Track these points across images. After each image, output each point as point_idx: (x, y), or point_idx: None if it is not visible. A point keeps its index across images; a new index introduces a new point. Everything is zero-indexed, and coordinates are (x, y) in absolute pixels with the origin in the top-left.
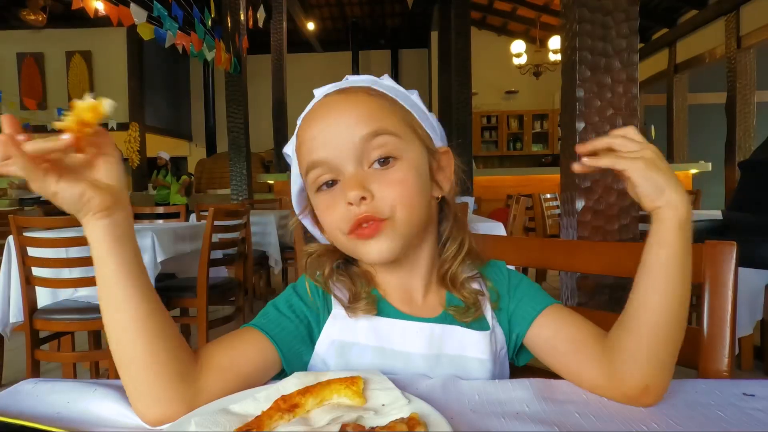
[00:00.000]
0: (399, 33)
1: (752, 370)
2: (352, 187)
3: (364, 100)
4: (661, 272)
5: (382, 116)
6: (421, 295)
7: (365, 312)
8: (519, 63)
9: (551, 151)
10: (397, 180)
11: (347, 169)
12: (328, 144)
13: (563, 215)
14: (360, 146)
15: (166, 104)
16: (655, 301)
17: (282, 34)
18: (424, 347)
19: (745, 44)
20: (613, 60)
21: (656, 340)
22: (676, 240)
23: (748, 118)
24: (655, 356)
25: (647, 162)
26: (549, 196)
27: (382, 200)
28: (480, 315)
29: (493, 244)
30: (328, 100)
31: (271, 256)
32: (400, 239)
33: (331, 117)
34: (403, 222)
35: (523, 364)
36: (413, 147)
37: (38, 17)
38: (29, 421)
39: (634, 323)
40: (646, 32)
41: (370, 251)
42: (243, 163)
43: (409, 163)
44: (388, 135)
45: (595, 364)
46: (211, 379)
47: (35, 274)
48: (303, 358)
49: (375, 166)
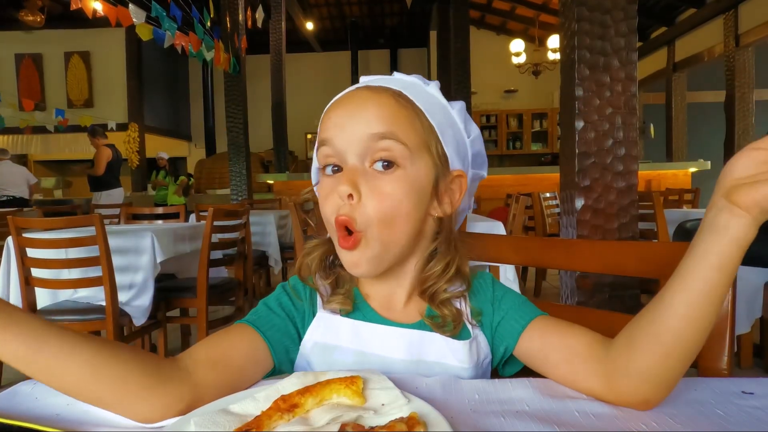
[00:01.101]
0: (398, 32)
1: (751, 367)
2: (345, 181)
3: (387, 102)
4: (706, 299)
5: (399, 123)
6: (402, 303)
7: (341, 305)
8: (518, 62)
9: (551, 150)
10: (387, 192)
11: (350, 160)
12: (340, 128)
13: (563, 214)
14: (367, 142)
15: (165, 105)
16: (684, 327)
17: (281, 34)
18: (403, 353)
19: (743, 42)
20: (611, 59)
21: (668, 361)
22: (735, 270)
23: (747, 117)
24: (663, 377)
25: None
26: (548, 195)
27: (363, 208)
28: (456, 332)
29: (493, 243)
30: (358, 90)
31: (270, 256)
32: (377, 260)
33: (353, 106)
34: (378, 241)
35: (510, 375)
36: (420, 162)
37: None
38: (28, 423)
39: (646, 343)
40: (645, 31)
41: (347, 262)
42: (242, 163)
43: (407, 175)
44: (396, 141)
45: (588, 373)
46: (202, 372)
47: (35, 275)
48: (290, 356)
49: (376, 166)
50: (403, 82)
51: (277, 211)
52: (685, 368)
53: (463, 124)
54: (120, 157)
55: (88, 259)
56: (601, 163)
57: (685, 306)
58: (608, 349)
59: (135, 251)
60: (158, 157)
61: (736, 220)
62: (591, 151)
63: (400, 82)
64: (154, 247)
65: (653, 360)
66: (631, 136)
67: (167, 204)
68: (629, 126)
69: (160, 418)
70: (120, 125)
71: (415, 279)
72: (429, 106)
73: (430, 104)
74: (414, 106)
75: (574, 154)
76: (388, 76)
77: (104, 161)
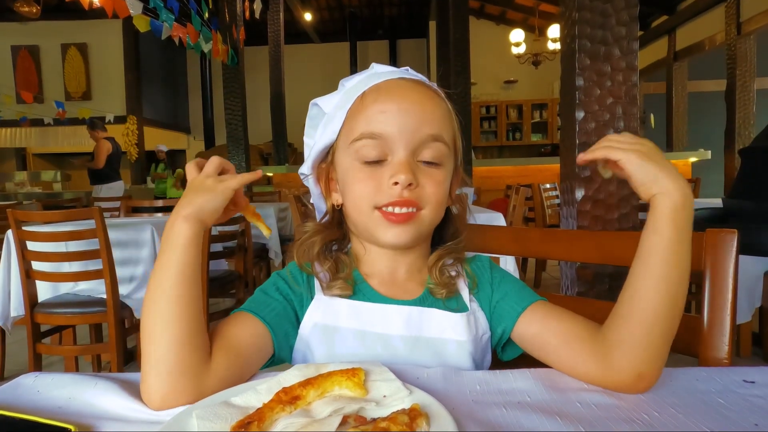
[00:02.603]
0: (397, 23)
1: (751, 357)
2: (406, 171)
3: (438, 102)
4: (655, 259)
5: (446, 124)
6: (403, 278)
7: (341, 291)
8: (518, 52)
9: (550, 141)
10: (438, 181)
11: (400, 153)
12: (394, 124)
13: (563, 205)
14: (420, 140)
15: (164, 97)
16: (649, 287)
17: (279, 25)
18: (402, 329)
19: (745, 30)
20: (612, 48)
21: (650, 326)
22: (669, 226)
23: (748, 105)
24: (649, 343)
25: (641, 153)
26: (548, 186)
27: (424, 191)
28: (455, 292)
29: (493, 234)
30: (405, 83)
31: (270, 249)
32: (418, 233)
33: (408, 101)
34: (428, 219)
35: (510, 359)
36: (451, 160)
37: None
38: (31, 415)
39: (627, 310)
40: (646, 19)
41: (389, 234)
42: (242, 156)
43: (447, 172)
44: (444, 144)
45: (587, 354)
46: (217, 359)
47: (35, 268)
48: (290, 341)
49: (425, 160)
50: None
51: (277, 204)
52: (668, 333)
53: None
54: (120, 149)
55: (89, 252)
56: None
57: (640, 272)
58: (602, 331)
59: (135, 244)
60: (157, 149)
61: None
62: (591, 142)
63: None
64: (154, 240)
65: (639, 329)
66: (632, 126)
67: (167, 197)
68: (630, 116)
69: (175, 403)
70: (118, 118)
71: (418, 258)
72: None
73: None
74: (449, 107)
75: (575, 145)
76: (412, 70)
77: (104, 154)
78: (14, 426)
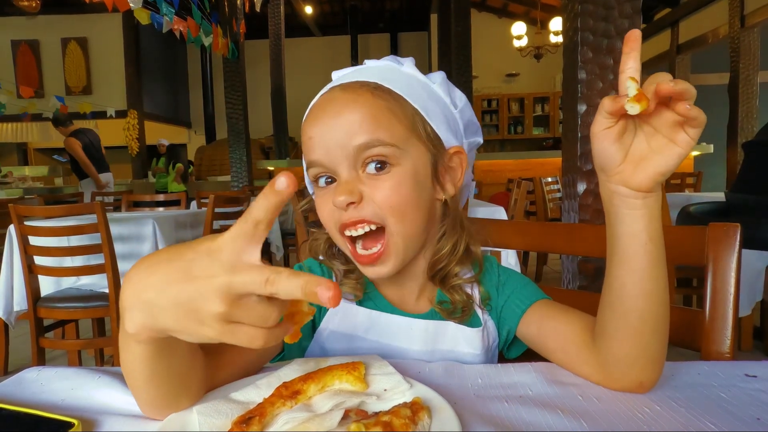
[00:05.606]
0: (398, 16)
1: (752, 350)
2: (341, 192)
3: (365, 103)
4: (651, 270)
5: (382, 122)
6: (414, 296)
7: (353, 290)
8: (520, 45)
9: (552, 135)
10: (389, 187)
11: (342, 172)
12: (323, 147)
13: (565, 198)
14: (354, 153)
15: (164, 91)
16: (643, 303)
17: (280, 19)
18: (419, 343)
19: (749, 23)
20: (615, 41)
21: (644, 339)
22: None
23: (751, 99)
24: (645, 356)
25: (690, 148)
26: (550, 180)
27: (373, 204)
28: (468, 318)
29: (495, 228)
30: (331, 97)
31: (272, 243)
32: (398, 261)
33: (329, 118)
34: (401, 237)
35: (514, 357)
36: (413, 152)
37: (32, 3)
38: (34, 409)
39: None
40: (649, 12)
41: (368, 272)
42: (242, 150)
43: (405, 171)
44: (384, 146)
45: (583, 362)
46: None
47: (38, 263)
48: (302, 343)
49: (370, 170)
50: (377, 69)
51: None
52: (662, 341)
53: (448, 96)
54: (94, 138)
55: (91, 246)
56: None
57: (634, 284)
58: (597, 345)
59: (137, 238)
60: (159, 143)
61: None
62: None
63: (373, 70)
64: (155, 234)
65: (629, 343)
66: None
67: (168, 191)
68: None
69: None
70: (119, 112)
71: (426, 271)
72: (408, 88)
73: (409, 86)
74: (393, 95)
75: (577, 138)
76: (359, 67)
77: (80, 150)
78: (18, 420)
